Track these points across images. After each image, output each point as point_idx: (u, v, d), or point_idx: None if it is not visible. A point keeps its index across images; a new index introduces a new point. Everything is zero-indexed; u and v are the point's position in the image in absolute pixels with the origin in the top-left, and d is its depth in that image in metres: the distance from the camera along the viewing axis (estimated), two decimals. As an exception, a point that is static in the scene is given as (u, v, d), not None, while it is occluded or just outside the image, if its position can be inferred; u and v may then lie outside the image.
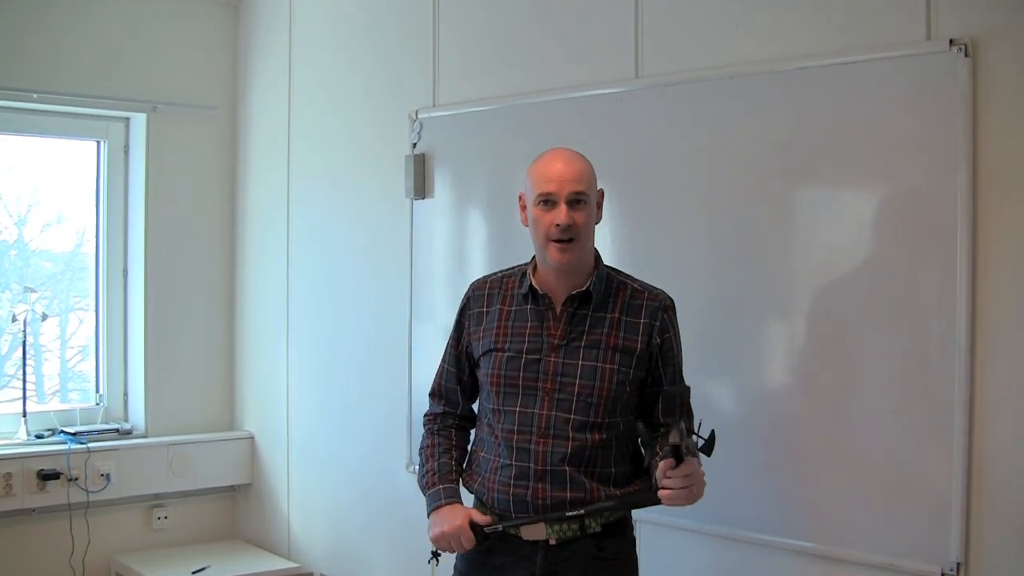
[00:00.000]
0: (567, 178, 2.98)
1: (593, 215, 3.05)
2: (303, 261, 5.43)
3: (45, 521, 5.22)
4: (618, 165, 3.95)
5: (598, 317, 3.05)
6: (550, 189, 2.98)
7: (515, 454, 3.05)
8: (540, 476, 3.02)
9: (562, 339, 3.05)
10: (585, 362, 3.02)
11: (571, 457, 3.01)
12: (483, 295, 3.20)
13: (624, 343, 3.03)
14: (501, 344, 3.10)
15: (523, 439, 3.04)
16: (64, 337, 5.89)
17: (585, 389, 3.01)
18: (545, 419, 3.03)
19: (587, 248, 3.06)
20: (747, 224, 3.61)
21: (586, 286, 3.05)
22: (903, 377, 3.25)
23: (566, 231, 2.96)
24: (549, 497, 3.00)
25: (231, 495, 5.86)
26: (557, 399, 3.02)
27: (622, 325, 3.05)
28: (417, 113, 4.66)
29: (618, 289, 3.10)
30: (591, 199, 3.03)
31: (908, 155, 3.24)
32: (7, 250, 5.64)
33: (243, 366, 5.85)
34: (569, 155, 3.05)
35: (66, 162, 5.68)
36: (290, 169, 5.50)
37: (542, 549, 3.05)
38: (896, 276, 3.27)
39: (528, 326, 3.08)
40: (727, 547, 3.68)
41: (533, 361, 3.05)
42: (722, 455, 3.63)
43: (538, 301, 3.09)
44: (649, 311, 3.07)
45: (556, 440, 3.02)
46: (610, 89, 3.99)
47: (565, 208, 2.96)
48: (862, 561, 3.31)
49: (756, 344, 3.61)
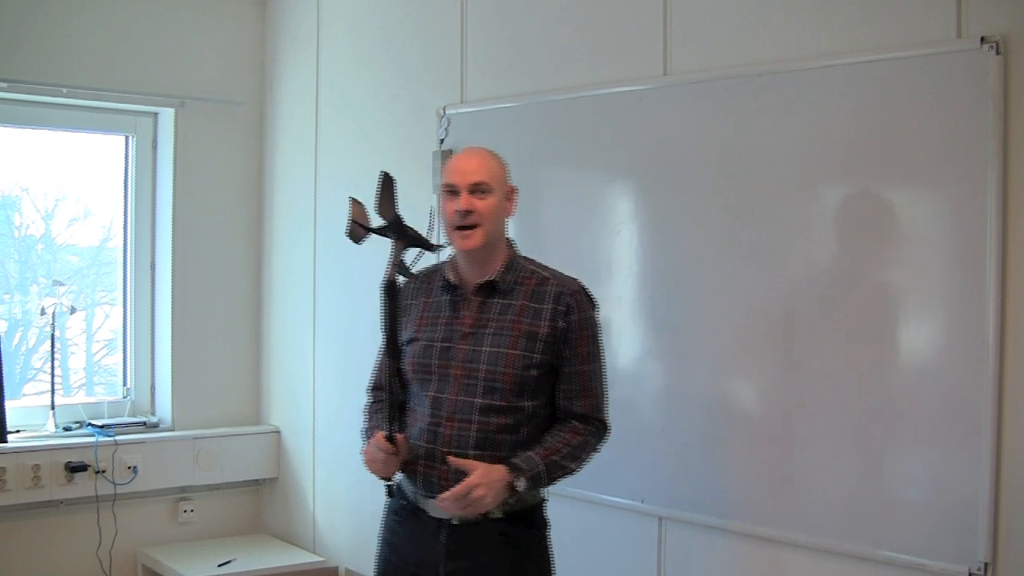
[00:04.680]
0: (469, 169, 3.17)
1: (498, 205, 3.20)
2: (330, 256, 5.44)
3: (72, 513, 5.26)
4: (644, 162, 3.96)
5: (506, 304, 3.20)
6: (453, 180, 3.16)
7: (426, 436, 3.18)
8: (444, 457, 3.14)
9: (472, 327, 3.19)
10: (491, 348, 3.16)
11: (476, 441, 3.14)
12: (413, 288, 3.36)
13: (529, 328, 3.15)
14: (419, 334, 3.26)
15: (434, 422, 3.18)
16: (90, 331, 5.92)
17: (490, 374, 3.14)
18: (453, 403, 3.17)
19: (493, 236, 3.20)
20: (773, 222, 3.60)
21: (492, 275, 3.20)
22: (932, 377, 3.24)
23: (466, 216, 3.12)
24: (452, 480, 3.09)
25: (257, 489, 5.89)
26: (465, 384, 3.16)
27: (528, 311, 3.17)
28: (445, 109, 4.67)
29: (528, 277, 3.23)
30: (495, 190, 3.18)
31: (937, 154, 3.22)
32: (34, 244, 5.66)
33: (269, 361, 5.87)
34: (476, 151, 3.26)
35: (93, 157, 5.71)
36: (317, 164, 5.52)
37: (446, 527, 3.17)
38: (925, 276, 3.27)
39: (443, 316, 3.25)
40: (751, 545, 3.68)
41: (445, 348, 3.20)
42: (748, 453, 3.65)
43: (453, 291, 3.24)
44: (554, 296, 3.19)
45: (462, 423, 3.15)
46: (637, 87, 3.98)
47: (465, 195, 3.13)
48: (889, 561, 3.30)
49: (782, 342, 3.60)
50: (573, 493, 4.14)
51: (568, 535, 4.20)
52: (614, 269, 4.03)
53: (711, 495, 3.75)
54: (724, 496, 3.71)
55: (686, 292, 3.83)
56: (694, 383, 3.82)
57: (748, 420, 3.68)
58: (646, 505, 3.93)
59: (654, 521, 3.94)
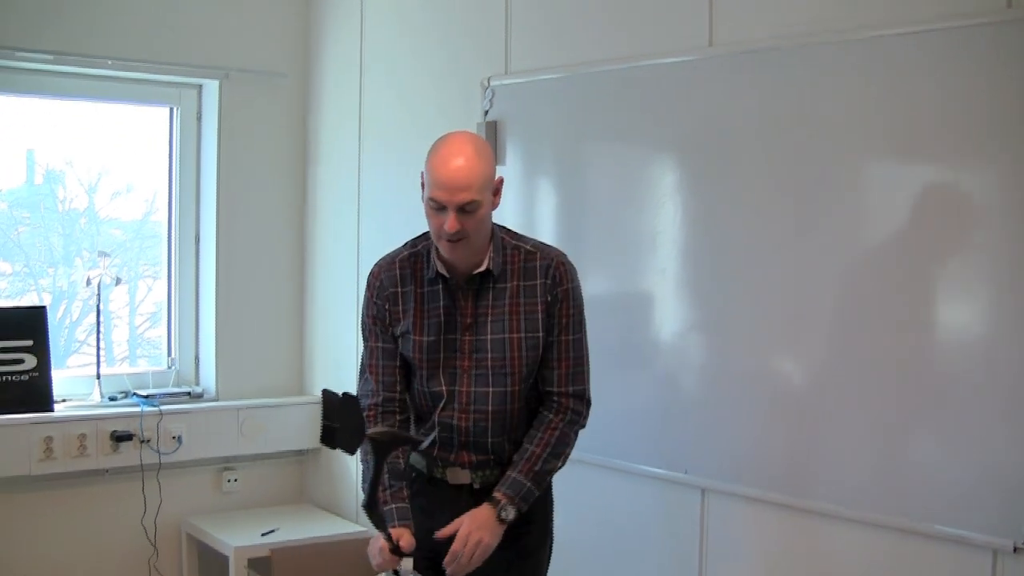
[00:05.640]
0: (458, 186, 2.97)
1: (487, 212, 3.09)
2: (373, 228, 5.46)
3: (118, 482, 5.31)
4: (689, 134, 3.94)
5: (500, 288, 3.17)
6: (441, 197, 2.99)
7: (441, 429, 3.21)
8: (464, 445, 3.21)
9: (472, 316, 3.16)
10: (494, 336, 3.15)
11: (493, 429, 3.18)
12: (395, 275, 3.24)
13: (526, 308, 3.15)
14: (420, 329, 3.19)
15: (446, 415, 3.20)
16: (133, 304, 5.96)
17: (498, 362, 3.16)
18: (466, 395, 3.18)
19: (480, 238, 3.11)
20: (820, 196, 3.57)
21: (485, 264, 3.14)
22: (979, 351, 3.21)
23: (455, 235, 3.01)
24: (474, 459, 3.19)
25: (300, 459, 5.92)
26: (475, 375, 3.18)
27: (521, 291, 3.16)
28: (489, 80, 4.66)
29: (512, 255, 3.18)
30: (484, 202, 3.04)
31: (986, 127, 3.18)
32: (77, 218, 5.71)
33: (313, 332, 5.90)
34: (462, 156, 3.01)
35: (136, 130, 5.74)
36: (361, 136, 5.52)
37: (466, 492, 3.22)
38: (971, 251, 3.24)
39: (441, 307, 3.18)
40: (794, 516, 3.67)
41: (450, 341, 3.18)
42: (792, 426, 3.64)
43: (447, 282, 3.17)
44: (542, 270, 3.17)
45: (477, 414, 3.19)
46: (683, 58, 3.96)
47: (454, 216, 2.99)
48: (935, 534, 3.28)
49: (828, 315, 3.58)
50: (616, 464, 4.16)
51: (611, 506, 4.24)
52: (658, 241, 4.02)
53: (754, 467, 3.75)
54: (767, 468, 3.71)
55: (730, 265, 3.81)
56: (737, 355, 3.81)
57: (792, 393, 3.67)
58: (689, 476, 3.93)
59: (697, 492, 3.94)
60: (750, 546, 3.83)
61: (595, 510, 4.19)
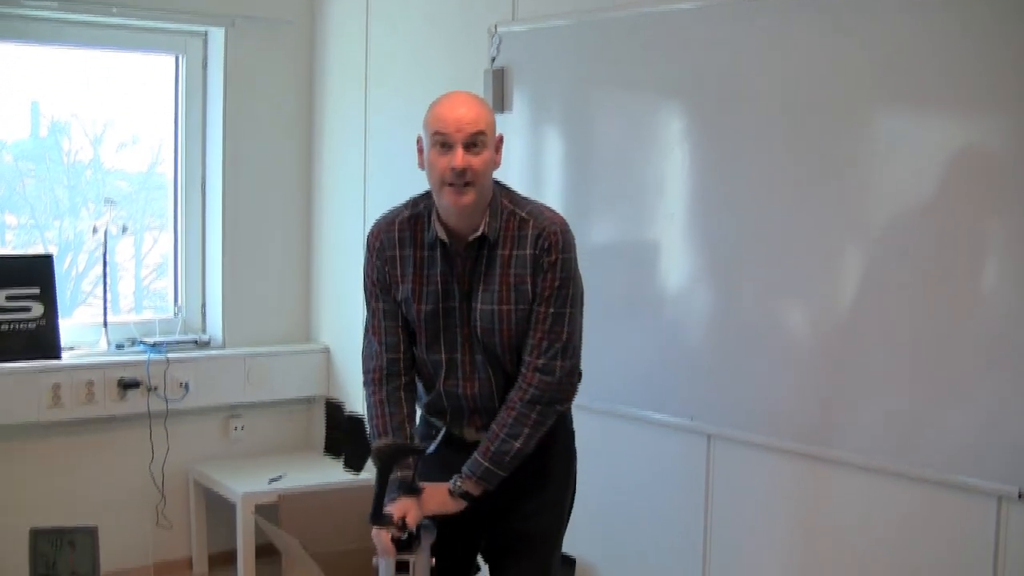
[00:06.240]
0: (465, 120, 2.98)
1: (491, 159, 3.06)
2: (380, 175, 5.44)
3: (125, 429, 5.33)
4: (701, 82, 3.91)
5: (493, 256, 3.10)
6: (447, 130, 2.97)
7: (447, 398, 3.22)
8: (473, 411, 3.22)
9: (468, 285, 3.13)
10: (483, 306, 3.11)
11: (498, 394, 3.18)
12: (394, 237, 3.19)
13: (516, 279, 3.08)
14: (419, 297, 3.16)
15: (451, 384, 3.20)
16: (139, 256, 5.96)
17: (487, 333, 3.12)
18: (468, 363, 3.17)
19: (486, 191, 3.07)
20: (830, 144, 3.54)
21: (481, 229, 3.07)
22: (991, 303, 3.21)
23: (461, 175, 2.97)
24: (486, 423, 3.18)
25: (307, 407, 5.95)
26: (472, 343, 3.15)
27: (513, 261, 3.09)
28: (496, 27, 4.63)
29: (508, 221, 3.10)
30: (489, 141, 3.03)
31: (1012, 80, 3.13)
32: (83, 170, 5.70)
33: (319, 280, 5.91)
34: (467, 98, 3.06)
35: (141, 81, 5.71)
36: (367, 84, 5.50)
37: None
38: (989, 200, 3.20)
39: (439, 273, 3.13)
40: (800, 462, 3.69)
41: (449, 309, 3.15)
42: (798, 372, 3.64)
43: (445, 247, 3.12)
44: (533, 239, 3.08)
45: (480, 381, 3.18)
46: (692, 3, 3.92)
47: (461, 151, 2.97)
48: (940, 480, 3.29)
49: (836, 261, 3.57)
50: (622, 411, 4.17)
51: (617, 452, 4.25)
52: (665, 187, 4.01)
53: (760, 413, 3.76)
54: (773, 414, 3.72)
55: (739, 210, 3.80)
56: (745, 301, 3.81)
57: (799, 339, 3.67)
58: (695, 423, 3.94)
59: (703, 439, 3.96)
60: (756, 492, 3.85)
61: (601, 457, 4.20)
